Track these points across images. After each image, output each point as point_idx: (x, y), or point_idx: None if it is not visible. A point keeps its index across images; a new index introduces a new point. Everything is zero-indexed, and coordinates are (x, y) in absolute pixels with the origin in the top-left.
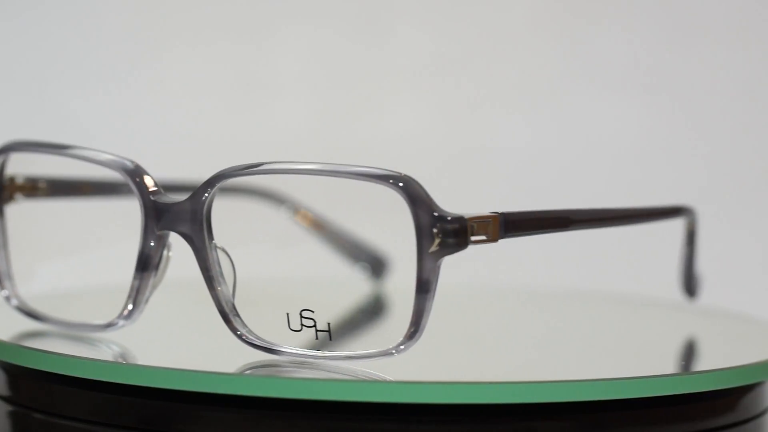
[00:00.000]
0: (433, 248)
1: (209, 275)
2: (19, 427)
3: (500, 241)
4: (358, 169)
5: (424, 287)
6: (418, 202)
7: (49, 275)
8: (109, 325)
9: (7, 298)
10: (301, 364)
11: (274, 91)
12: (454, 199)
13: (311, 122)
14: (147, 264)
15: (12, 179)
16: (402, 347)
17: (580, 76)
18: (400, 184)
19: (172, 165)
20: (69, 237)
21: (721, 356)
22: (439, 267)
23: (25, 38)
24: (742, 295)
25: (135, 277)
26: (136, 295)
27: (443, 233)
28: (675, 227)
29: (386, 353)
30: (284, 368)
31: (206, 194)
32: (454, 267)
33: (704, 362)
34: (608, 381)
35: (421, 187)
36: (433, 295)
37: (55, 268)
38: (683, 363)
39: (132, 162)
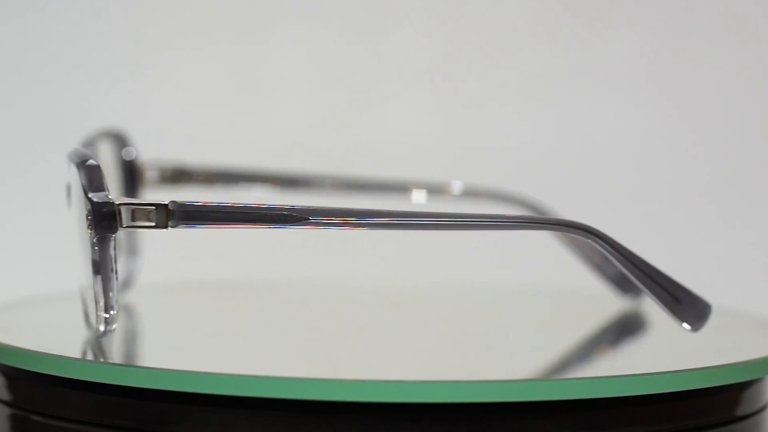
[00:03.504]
0: (88, 229)
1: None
2: (19, 429)
3: (174, 229)
4: (74, 151)
5: (94, 268)
6: (86, 185)
7: None
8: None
9: None
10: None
11: (274, 92)
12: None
13: (311, 122)
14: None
15: (153, 169)
16: (101, 329)
17: (580, 77)
18: (79, 167)
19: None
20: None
21: (720, 353)
22: (103, 248)
23: (26, 38)
24: (740, 292)
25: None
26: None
27: (91, 216)
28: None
29: (95, 335)
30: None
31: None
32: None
33: (702, 359)
34: (605, 379)
35: (94, 170)
36: (110, 276)
37: None
38: (681, 360)
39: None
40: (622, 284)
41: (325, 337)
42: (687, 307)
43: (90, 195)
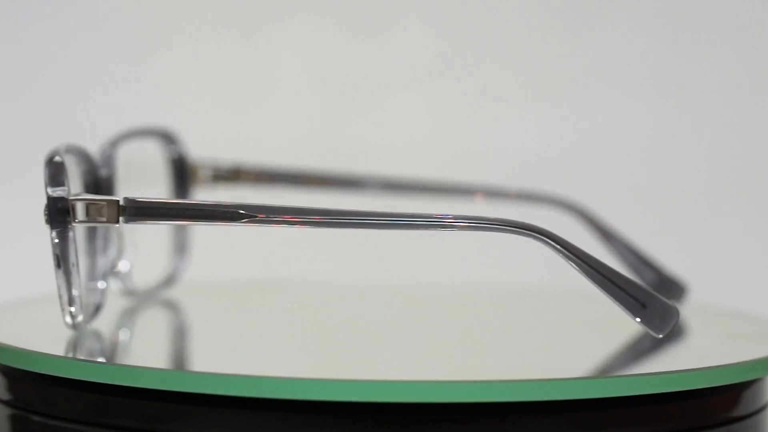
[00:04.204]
0: (46, 224)
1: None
2: (19, 429)
3: (125, 224)
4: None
5: (55, 262)
6: (47, 181)
7: None
8: None
9: None
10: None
11: (275, 91)
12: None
13: (312, 122)
14: None
15: (204, 168)
16: (67, 321)
17: (581, 77)
18: (45, 164)
19: None
20: None
21: (720, 353)
22: (62, 242)
23: (24, 38)
24: (740, 292)
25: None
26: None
27: (48, 210)
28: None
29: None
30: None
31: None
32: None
33: (702, 359)
34: (605, 379)
35: (57, 166)
36: (69, 270)
37: None
38: (681, 360)
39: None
40: (659, 290)
41: (325, 337)
42: (653, 311)
43: (48, 190)
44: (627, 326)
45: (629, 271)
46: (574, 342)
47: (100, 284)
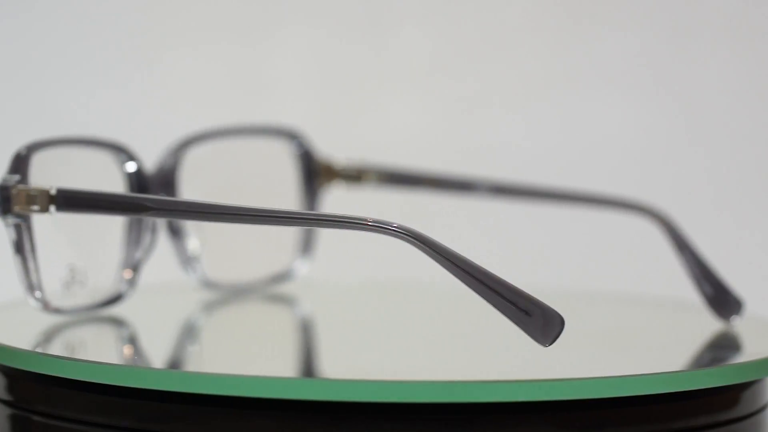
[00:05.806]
0: None
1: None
2: (19, 429)
3: (56, 213)
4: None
5: (12, 248)
6: (8, 170)
7: None
8: None
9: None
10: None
11: (275, 92)
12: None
13: (312, 121)
14: None
15: (329, 167)
16: (31, 304)
17: (580, 76)
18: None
19: None
20: None
21: (720, 353)
22: (17, 229)
23: (23, 38)
24: (740, 292)
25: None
26: None
27: None
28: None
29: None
30: None
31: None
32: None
33: (703, 359)
34: (607, 379)
35: (20, 159)
36: (29, 256)
37: None
38: (682, 360)
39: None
40: (716, 304)
41: (325, 337)
42: (537, 319)
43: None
44: (626, 325)
45: (691, 282)
46: (576, 341)
47: (126, 274)
